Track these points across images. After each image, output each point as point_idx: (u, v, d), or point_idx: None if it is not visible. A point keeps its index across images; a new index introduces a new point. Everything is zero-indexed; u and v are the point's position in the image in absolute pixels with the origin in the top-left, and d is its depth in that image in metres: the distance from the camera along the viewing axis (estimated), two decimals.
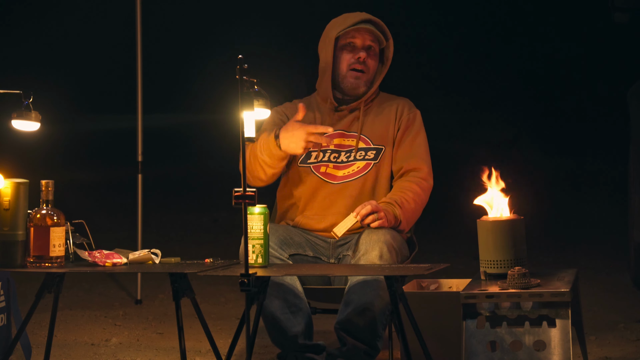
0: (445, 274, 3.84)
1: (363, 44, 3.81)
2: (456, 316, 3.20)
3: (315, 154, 3.83)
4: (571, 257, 6.89)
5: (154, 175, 7.44)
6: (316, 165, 3.82)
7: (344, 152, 3.82)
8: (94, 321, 5.03)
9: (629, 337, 4.47)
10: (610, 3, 5.48)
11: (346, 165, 3.81)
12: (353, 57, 3.81)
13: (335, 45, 3.82)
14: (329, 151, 3.82)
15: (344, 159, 3.81)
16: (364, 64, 3.81)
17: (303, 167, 3.83)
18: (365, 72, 3.82)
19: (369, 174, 3.79)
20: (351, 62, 3.81)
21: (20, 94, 3.69)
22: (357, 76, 3.81)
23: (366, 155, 3.81)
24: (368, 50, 3.82)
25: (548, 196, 9.40)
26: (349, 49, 3.82)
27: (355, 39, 3.81)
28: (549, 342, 3.08)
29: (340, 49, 3.83)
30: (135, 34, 5.37)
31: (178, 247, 7.09)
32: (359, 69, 3.81)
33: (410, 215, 3.72)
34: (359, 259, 3.54)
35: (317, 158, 3.82)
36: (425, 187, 3.77)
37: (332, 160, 3.82)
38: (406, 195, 3.71)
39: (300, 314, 3.61)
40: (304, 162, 3.84)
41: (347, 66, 3.82)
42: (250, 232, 3.32)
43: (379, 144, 3.82)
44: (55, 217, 3.42)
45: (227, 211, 8.50)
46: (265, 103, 3.46)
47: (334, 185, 3.79)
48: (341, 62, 3.82)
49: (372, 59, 3.83)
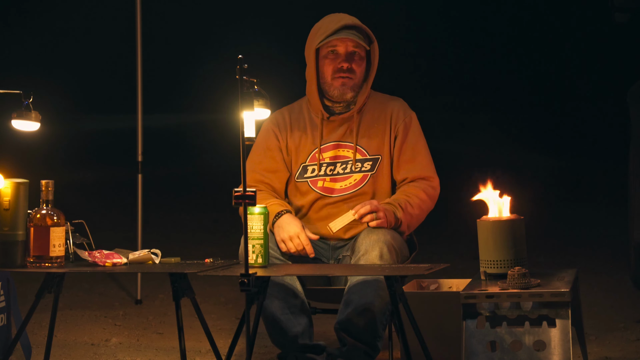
0: (445, 274, 3.83)
1: (346, 51, 3.73)
2: (456, 316, 3.20)
3: (311, 167, 3.80)
4: (571, 257, 6.89)
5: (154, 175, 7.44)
6: (313, 179, 3.80)
7: (339, 163, 3.79)
8: (94, 321, 5.03)
9: (629, 337, 4.47)
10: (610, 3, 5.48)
11: (343, 177, 3.78)
12: (336, 65, 3.73)
13: (318, 54, 3.75)
14: (325, 164, 3.79)
15: (340, 171, 3.78)
16: (349, 71, 3.73)
17: (300, 182, 3.82)
18: (352, 77, 3.74)
19: (366, 186, 3.76)
20: (335, 70, 3.73)
21: (20, 94, 3.69)
22: (343, 82, 3.73)
23: (362, 166, 3.77)
24: (352, 57, 3.73)
25: (548, 196, 9.40)
26: (332, 57, 3.73)
27: (338, 46, 3.73)
28: (549, 342, 3.08)
29: (324, 58, 3.75)
30: (135, 34, 5.36)
31: (178, 247, 7.08)
32: (344, 76, 3.73)
33: (412, 219, 3.70)
34: (358, 259, 3.54)
35: (313, 172, 3.80)
36: (432, 194, 3.75)
37: (329, 174, 3.78)
38: (411, 200, 3.69)
39: (300, 314, 3.61)
40: (301, 176, 3.81)
41: (332, 74, 3.74)
42: (250, 232, 3.32)
43: (375, 153, 3.78)
44: (55, 217, 3.41)
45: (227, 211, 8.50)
46: (265, 103, 3.46)
47: (332, 198, 3.77)
48: (325, 71, 3.75)
49: (357, 64, 3.75)
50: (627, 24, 5.50)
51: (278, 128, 3.84)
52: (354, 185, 3.76)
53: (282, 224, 3.65)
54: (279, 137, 3.83)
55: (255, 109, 3.22)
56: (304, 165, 3.80)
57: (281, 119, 3.86)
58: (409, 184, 3.75)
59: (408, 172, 3.76)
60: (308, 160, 3.80)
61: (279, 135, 3.83)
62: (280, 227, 3.65)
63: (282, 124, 3.85)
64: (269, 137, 3.85)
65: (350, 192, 3.76)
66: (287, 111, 3.89)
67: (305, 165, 3.80)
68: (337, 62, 3.73)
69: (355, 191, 3.75)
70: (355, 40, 3.71)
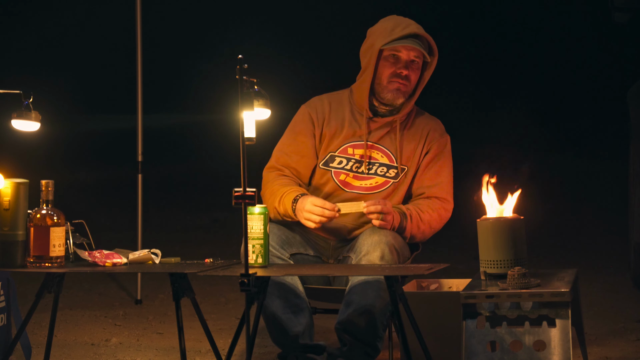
0: (445, 274, 3.84)
1: (407, 58, 3.73)
2: (456, 316, 3.20)
3: (339, 159, 3.81)
4: (571, 257, 6.89)
5: (154, 175, 7.44)
6: (337, 171, 3.80)
7: (367, 163, 3.78)
8: (94, 321, 5.03)
9: (629, 337, 4.47)
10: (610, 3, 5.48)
11: (366, 177, 3.79)
12: (395, 70, 3.73)
13: (380, 54, 3.75)
14: (353, 160, 3.80)
15: (365, 170, 3.79)
16: (406, 78, 3.74)
17: (324, 169, 3.82)
18: (407, 84, 3.74)
19: (385, 192, 3.76)
20: (393, 74, 3.73)
21: (20, 94, 3.68)
22: (398, 87, 3.74)
23: (387, 172, 3.78)
24: (411, 64, 3.74)
25: (548, 196, 9.40)
26: (392, 60, 3.73)
27: (400, 52, 3.72)
28: (549, 342, 3.08)
29: (384, 59, 3.74)
30: (135, 33, 5.36)
31: (178, 247, 7.09)
32: (402, 82, 3.73)
33: (417, 232, 3.71)
34: (360, 260, 3.54)
35: (340, 163, 3.81)
36: (443, 216, 3.76)
37: (354, 170, 3.79)
38: (423, 216, 3.71)
39: (301, 314, 3.61)
40: (326, 164, 3.81)
41: (388, 77, 3.74)
42: (250, 232, 3.32)
43: (404, 163, 3.79)
44: (55, 217, 3.41)
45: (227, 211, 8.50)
46: (265, 103, 3.46)
47: (347, 193, 3.77)
48: (382, 73, 3.74)
49: (414, 73, 3.75)
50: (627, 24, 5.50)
51: (316, 114, 3.84)
52: (373, 188, 3.76)
53: (299, 207, 3.65)
54: (315, 123, 3.83)
55: (255, 109, 3.22)
56: (332, 155, 3.80)
57: (320, 106, 3.86)
58: (425, 199, 3.76)
59: (427, 189, 3.78)
60: (339, 151, 3.80)
61: (315, 122, 3.83)
62: (299, 211, 3.65)
63: (321, 111, 3.85)
64: (304, 121, 3.85)
65: (367, 192, 3.76)
66: (327, 99, 3.88)
67: (334, 154, 3.80)
68: (397, 67, 3.73)
69: (372, 193, 3.75)
70: (418, 50, 3.71)
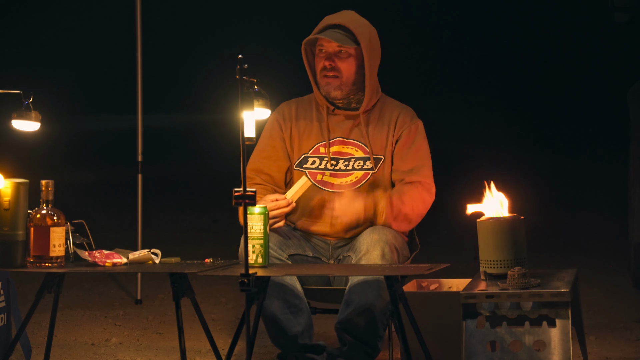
0: (445, 274, 3.83)
1: (331, 50, 3.75)
2: (456, 316, 3.20)
3: (312, 159, 3.82)
4: (571, 257, 6.89)
5: (154, 175, 7.43)
6: (312, 172, 3.80)
7: (342, 159, 3.80)
8: (94, 321, 5.03)
9: (629, 337, 4.47)
10: (610, 3, 5.49)
11: (344, 173, 3.79)
12: (323, 64, 3.77)
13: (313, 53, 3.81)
14: (326, 159, 3.80)
15: (342, 167, 3.79)
16: (334, 70, 3.76)
17: (298, 170, 3.82)
18: (338, 76, 3.76)
19: (365, 185, 3.77)
20: (321, 69, 3.77)
21: (20, 94, 3.69)
22: (327, 82, 3.76)
23: (364, 164, 3.79)
24: (337, 55, 3.75)
25: (548, 196, 9.40)
26: (321, 55, 3.78)
27: (324, 46, 3.77)
28: (549, 342, 3.08)
29: (316, 56, 3.81)
30: (135, 33, 5.36)
31: (178, 247, 7.08)
32: (330, 75, 3.76)
33: (400, 215, 3.69)
34: (360, 259, 3.54)
35: (314, 164, 3.81)
36: (427, 199, 3.74)
37: (329, 168, 3.79)
38: (404, 197, 3.69)
39: (300, 314, 3.61)
40: (300, 165, 3.82)
41: (320, 72, 3.78)
42: (250, 232, 3.32)
43: (378, 153, 3.79)
44: (55, 217, 3.42)
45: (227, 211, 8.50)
46: (265, 103, 3.46)
47: (330, 193, 3.77)
48: (317, 68, 3.80)
49: (345, 62, 3.76)
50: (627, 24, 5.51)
51: (283, 118, 3.87)
52: (355, 183, 3.76)
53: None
54: (282, 126, 3.85)
55: (255, 109, 3.22)
56: (306, 156, 3.81)
57: (287, 110, 3.89)
58: (407, 184, 3.75)
59: (406, 175, 3.76)
60: (311, 151, 3.81)
61: (282, 125, 3.85)
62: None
63: (288, 114, 3.88)
64: (273, 127, 3.88)
65: (350, 189, 3.75)
66: (294, 102, 3.92)
67: (307, 155, 3.81)
68: (325, 60, 3.76)
69: (355, 188, 3.75)
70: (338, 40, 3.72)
